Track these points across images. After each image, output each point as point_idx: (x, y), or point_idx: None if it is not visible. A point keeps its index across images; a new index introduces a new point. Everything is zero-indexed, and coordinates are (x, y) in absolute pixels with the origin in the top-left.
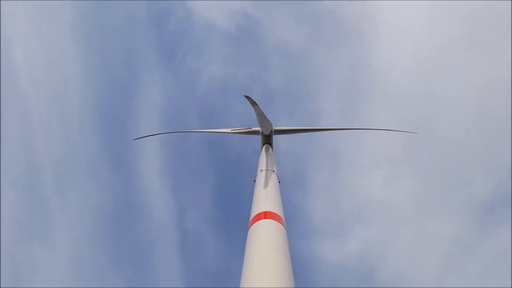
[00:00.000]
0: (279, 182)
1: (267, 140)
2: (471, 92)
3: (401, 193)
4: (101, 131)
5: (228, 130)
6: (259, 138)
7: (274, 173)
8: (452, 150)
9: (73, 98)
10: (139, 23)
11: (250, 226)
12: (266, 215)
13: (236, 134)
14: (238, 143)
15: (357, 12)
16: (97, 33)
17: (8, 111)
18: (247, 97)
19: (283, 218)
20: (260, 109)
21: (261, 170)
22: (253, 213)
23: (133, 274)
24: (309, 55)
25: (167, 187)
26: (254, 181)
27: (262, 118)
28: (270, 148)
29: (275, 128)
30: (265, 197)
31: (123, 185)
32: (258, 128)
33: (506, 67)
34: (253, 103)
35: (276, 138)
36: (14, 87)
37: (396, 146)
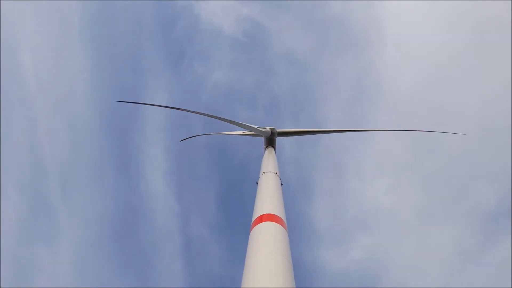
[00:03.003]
0: (282, 184)
1: (270, 142)
2: (477, 99)
3: (405, 201)
4: (106, 135)
5: (241, 132)
6: (262, 140)
7: (276, 175)
8: (457, 158)
9: (80, 102)
10: (146, 28)
11: (252, 229)
12: (268, 217)
13: (242, 136)
14: (242, 146)
15: (364, 19)
16: (104, 37)
17: (14, 114)
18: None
19: (285, 221)
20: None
21: (264, 172)
22: (255, 216)
23: (136, 278)
24: (316, 62)
25: (171, 190)
26: (257, 183)
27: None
28: (273, 150)
29: (278, 130)
30: (267, 199)
31: (128, 189)
32: (262, 129)
33: (510, 76)
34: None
35: (281, 143)
36: (21, 90)
37: (400, 153)
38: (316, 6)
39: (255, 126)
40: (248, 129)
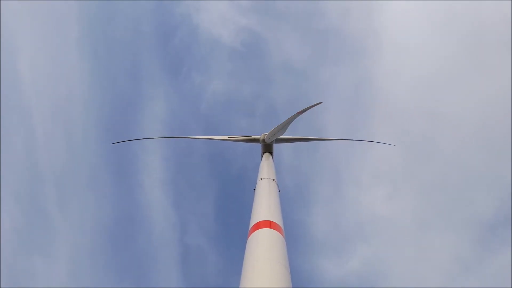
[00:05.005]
0: (279, 191)
1: (268, 148)
2: (473, 108)
3: (403, 210)
4: (104, 143)
5: (225, 137)
6: (259, 147)
7: (274, 181)
8: (454, 167)
9: (77, 110)
10: (145, 37)
11: (249, 236)
12: (265, 224)
13: (238, 143)
14: (240, 153)
15: (361, 30)
16: (103, 46)
17: (11, 121)
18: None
19: (283, 227)
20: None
21: (261, 179)
22: (252, 222)
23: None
24: (313, 71)
25: (168, 198)
26: (254, 189)
27: (284, 126)
28: (271, 156)
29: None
30: (265, 206)
31: (124, 198)
32: (258, 136)
33: (507, 83)
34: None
35: (279, 151)
36: (18, 97)
37: (398, 162)
38: (314, 16)
39: (251, 136)
40: (242, 141)
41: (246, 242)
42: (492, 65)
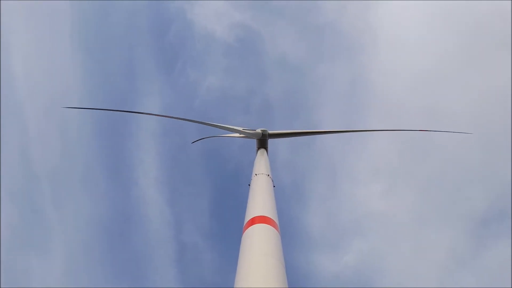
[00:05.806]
0: (274, 186)
1: (262, 144)
2: (471, 104)
3: (399, 205)
4: (98, 141)
5: (237, 134)
6: (254, 142)
7: (268, 177)
8: (451, 163)
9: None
10: (139, 33)
11: (244, 231)
12: (260, 219)
13: (234, 138)
14: (235, 149)
15: (357, 25)
16: (97, 42)
17: (5, 119)
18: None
19: (278, 223)
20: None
21: (256, 174)
22: (247, 218)
23: (129, 284)
24: (309, 67)
25: (163, 196)
26: (249, 185)
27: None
28: (265, 152)
29: (270, 132)
30: (259, 201)
31: (119, 195)
32: (256, 131)
33: (506, 79)
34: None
35: (274, 147)
36: (12, 96)
37: (394, 157)
38: (310, 12)
39: (241, 128)
40: (234, 132)
41: (241, 238)
42: (490, 61)
